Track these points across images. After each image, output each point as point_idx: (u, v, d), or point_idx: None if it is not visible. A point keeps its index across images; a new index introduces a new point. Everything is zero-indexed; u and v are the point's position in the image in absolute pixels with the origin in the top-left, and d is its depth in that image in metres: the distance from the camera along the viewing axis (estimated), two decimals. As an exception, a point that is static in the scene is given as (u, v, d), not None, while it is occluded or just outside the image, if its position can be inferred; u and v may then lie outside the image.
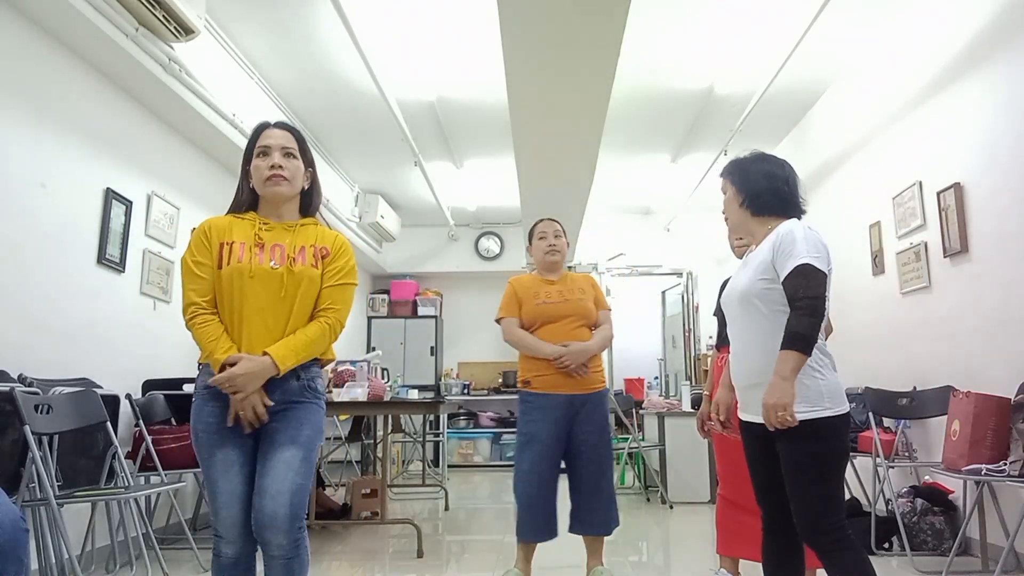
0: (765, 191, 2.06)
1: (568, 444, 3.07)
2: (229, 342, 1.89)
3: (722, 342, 2.93)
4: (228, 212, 2.06)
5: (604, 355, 3.31)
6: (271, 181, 1.97)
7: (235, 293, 1.91)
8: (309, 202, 2.10)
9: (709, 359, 3.72)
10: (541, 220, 3.34)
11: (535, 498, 3.02)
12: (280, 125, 2.06)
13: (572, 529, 3.10)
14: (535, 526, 3.03)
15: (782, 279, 1.93)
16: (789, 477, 1.94)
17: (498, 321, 3.24)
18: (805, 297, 1.87)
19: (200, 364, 1.97)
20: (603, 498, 3.07)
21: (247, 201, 2.05)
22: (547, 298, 3.16)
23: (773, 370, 1.88)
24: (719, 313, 2.95)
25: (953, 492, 3.79)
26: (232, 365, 1.84)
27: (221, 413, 1.88)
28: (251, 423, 1.88)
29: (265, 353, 1.87)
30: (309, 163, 2.08)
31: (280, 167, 1.97)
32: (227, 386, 1.83)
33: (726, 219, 2.19)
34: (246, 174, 2.04)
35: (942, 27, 3.94)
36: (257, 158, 2.00)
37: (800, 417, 1.88)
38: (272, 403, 1.90)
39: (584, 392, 3.08)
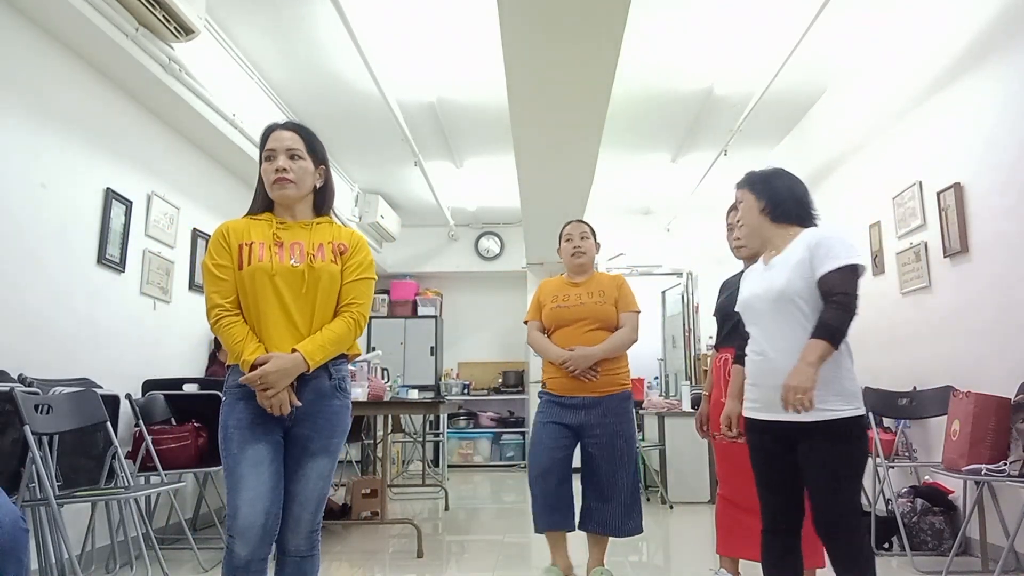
0: (787, 200, 2.17)
1: (580, 446, 3.11)
2: (256, 342, 1.91)
3: (722, 342, 2.93)
4: (246, 215, 2.07)
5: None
6: (277, 184, 1.99)
7: (258, 292, 1.93)
8: (323, 200, 2.10)
9: (709, 359, 3.72)
10: (569, 222, 3.36)
11: (542, 491, 3.06)
12: (287, 126, 2.06)
13: (580, 526, 3.11)
14: (544, 518, 3.06)
15: (820, 275, 2.01)
16: (817, 476, 1.97)
17: (526, 323, 3.32)
18: (841, 293, 1.97)
19: (228, 365, 1.98)
20: (615, 500, 3.05)
21: (262, 203, 2.06)
22: (564, 301, 3.18)
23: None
24: (719, 313, 2.95)
25: (953, 492, 3.79)
26: (263, 364, 1.85)
27: (253, 411, 1.89)
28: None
29: (294, 350, 1.88)
30: (320, 161, 2.08)
31: (284, 170, 1.98)
32: (258, 383, 1.84)
33: (740, 225, 2.27)
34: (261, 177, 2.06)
35: (942, 27, 3.94)
36: (265, 162, 2.01)
37: (838, 415, 1.95)
38: (300, 404, 1.91)
39: (594, 395, 3.08)
